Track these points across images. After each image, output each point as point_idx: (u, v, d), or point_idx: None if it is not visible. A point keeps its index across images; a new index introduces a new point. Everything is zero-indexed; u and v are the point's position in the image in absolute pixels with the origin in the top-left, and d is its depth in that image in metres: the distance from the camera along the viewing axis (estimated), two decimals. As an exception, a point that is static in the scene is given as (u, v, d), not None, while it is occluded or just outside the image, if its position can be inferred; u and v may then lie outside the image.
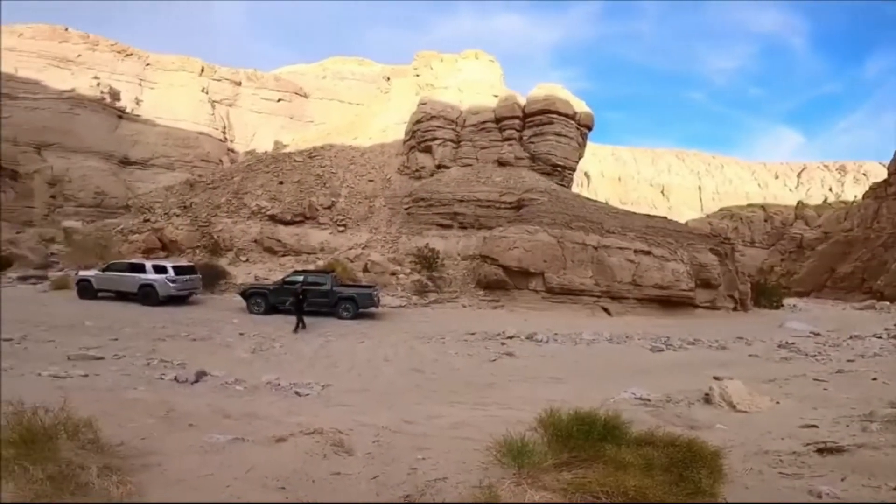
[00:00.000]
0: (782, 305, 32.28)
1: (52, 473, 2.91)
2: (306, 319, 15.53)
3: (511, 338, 15.22)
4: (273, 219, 29.89)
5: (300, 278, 18.14)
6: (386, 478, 4.42)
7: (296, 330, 14.78)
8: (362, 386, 9.05)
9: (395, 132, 39.65)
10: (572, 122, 34.49)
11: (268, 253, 28.21)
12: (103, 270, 19.33)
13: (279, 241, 28.55)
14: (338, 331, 15.43)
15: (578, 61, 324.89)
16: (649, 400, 7.93)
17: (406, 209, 33.05)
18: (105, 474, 3.09)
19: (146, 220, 28.38)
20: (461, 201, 31.23)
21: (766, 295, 32.51)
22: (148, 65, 49.53)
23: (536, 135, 33.65)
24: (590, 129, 36.63)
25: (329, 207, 32.37)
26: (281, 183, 33.24)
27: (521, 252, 24.92)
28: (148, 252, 24.82)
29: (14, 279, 22.61)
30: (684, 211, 74.20)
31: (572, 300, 24.76)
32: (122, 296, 18.74)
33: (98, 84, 44.68)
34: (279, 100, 56.04)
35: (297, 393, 7.87)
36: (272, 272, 24.89)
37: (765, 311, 29.88)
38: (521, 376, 10.58)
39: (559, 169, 34.05)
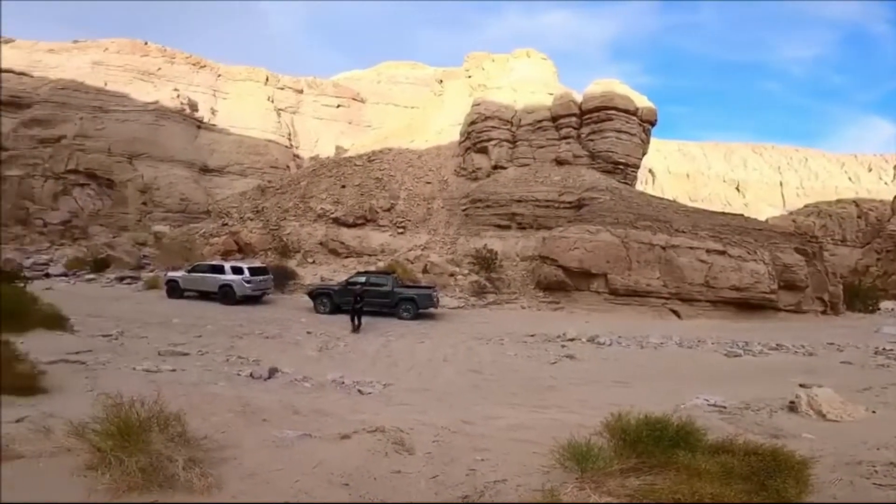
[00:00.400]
0: (878, 309, 29.16)
1: (144, 465, 3.18)
2: (365, 320, 15.92)
3: (572, 340, 14.88)
4: (336, 222, 31.12)
5: (362, 279, 18.80)
6: (445, 477, 4.49)
7: (354, 330, 15.10)
8: (422, 385, 9.23)
9: (450, 134, 39.94)
10: (633, 117, 33.22)
11: (332, 254, 29.42)
12: (188, 272, 21.07)
13: (342, 243, 29.68)
14: (398, 331, 15.81)
15: (636, 56, 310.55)
16: (724, 407, 7.46)
17: (463, 210, 33.21)
18: (189, 467, 3.35)
19: (224, 224, 30.56)
20: (519, 201, 30.92)
21: (860, 297, 29.52)
22: (219, 76, 53.09)
23: (595, 132, 32.69)
24: (653, 124, 35.05)
25: (389, 210, 33.20)
26: (343, 187, 34.53)
27: (582, 252, 24.26)
28: (226, 254, 26.71)
29: (112, 279, 25.18)
30: (763, 208, 68.70)
31: (638, 302, 23.76)
32: (204, 295, 20.31)
33: (178, 95, 48.46)
34: (338, 106, 58.12)
35: (360, 391, 8.17)
36: (336, 273, 25.92)
37: (858, 314, 27.17)
38: (582, 379, 10.33)
39: (621, 166, 32.87)
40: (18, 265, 27.40)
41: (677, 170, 74.67)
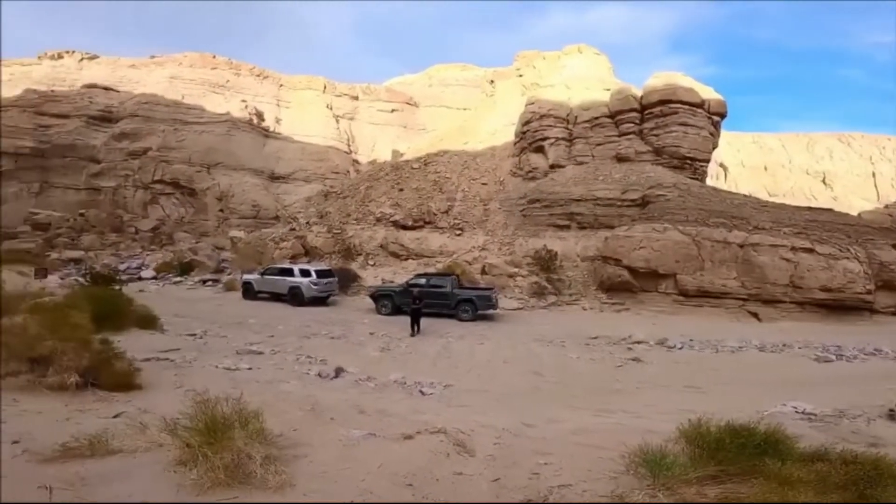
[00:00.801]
0: None
1: (227, 462, 3.41)
2: (425, 321, 15.98)
3: (638, 343, 14.30)
4: (396, 224, 31.82)
5: (422, 281, 19.11)
6: (507, 480, 4.47)
7: (413, 334, 15.07)
8: (482, 387, 9.24)
9: (505, 134, 39.65)
10: (700, 110, 31.63)
11: (392, 257, 30.13)
12: (261, 274, 22.42)
13: (402, 245, 30.31)
14: (457, 332, 15.93)
15: (696, 47, 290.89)
16: (815, 414, 6.88)
17: (521, 211, 32.83)
18: (266, 464, 3.56)
19: (292, 229, 32.22)
20: (578, 201, 30.09)
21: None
22: (281, 85, 55.93)
23: (658, 127, 31.32)
24: (723, 116, 33.23)
25: (446, 212, 33.51)
26: (401, 190, 35.26)
27: (648, 252, 23.21)
28: (294, 257, 28.12)
29: (196, 282, 27.32)
30: (854, 201, 62.10)
31: (711, 304, 22.36)
32: (275, 296, 21.53)
33: (246, 106, 51.60)
34: (392, 110, 59.47)
35: (421, 392, 8.33)
36: (396, 275, 26.50)
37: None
38: (650, 383, 9.89)
39: (689, 161, 31.22)
40: (115, 269, 30.45)
41: (753, 163, 69.37)
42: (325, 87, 56.53)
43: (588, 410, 7.72)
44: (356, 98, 58.54)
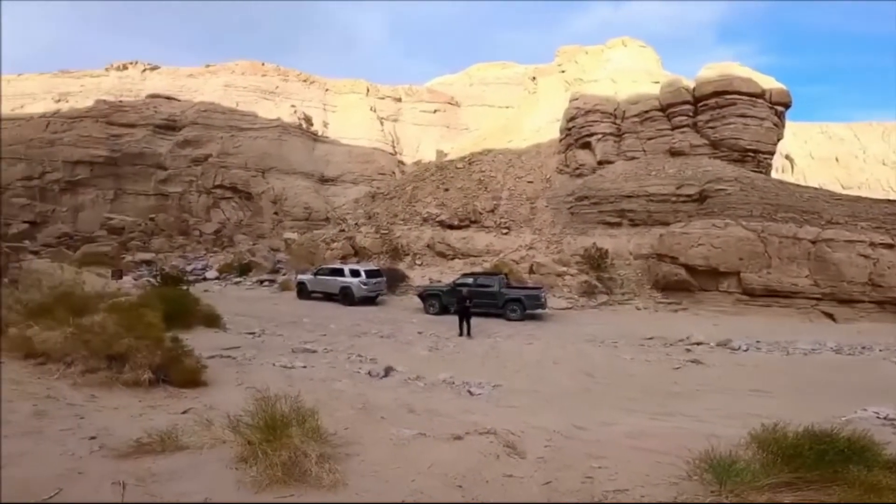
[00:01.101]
0: None
1: (284, 460, 3.53)
2: (473, 321, 15.64)
3: (698, 344, 13.62)
4: (442, 224, 31.98)
5: (469, 280, 19.10)
6: (559, 484, 4.38)
7: (461, 334, 14.87)
8: (531, 387, 9.11)
9: (549, 131, 38.98)
10: (760, 100, 30.03)
11: (439, 256, 30.31)
12: (314, 274, 23.22)
13: (448, 245, 30.42)
14: (505, 332, 15.80)
15: (749, 36, 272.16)
16: (900, 419, 6.30)
17: (569, 208, 32.12)
18: (321, 462, 3.66)
19: (341, 230, 33.13)
20: (630, 197, 29.02)
21: None
22: (327, 90, 57.57)
23: (715, 119, 29.92)
24: (786, 106, 31.34)
25: (492, 211, 33.32)
26: (446, 190, 35.40)
27: (708, 249, 22.07)
28: (344, 258, 28.91)
29: (254, 282, 28.68)
30: (943, 192, 56.25)
31: (780, 304, 20.96)
32: (327, 296, 22.23)
33: (295, 111, 53.46)
34: (435, 111, 60.00)
35: (469, 391, 8.32)
36: (444, 274, 26.64)
37: None
38: (712, 387, 9.38)
39: (751, 154, 29.62)
40: (182, 270, 32.51)
41: (822, 154, 64.38)
42: (367, 90, 57.75)
43: (644, 413, 7.43)
44: (399, 100, 59.42)
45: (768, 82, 31.01)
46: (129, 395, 5.81)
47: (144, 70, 59.93)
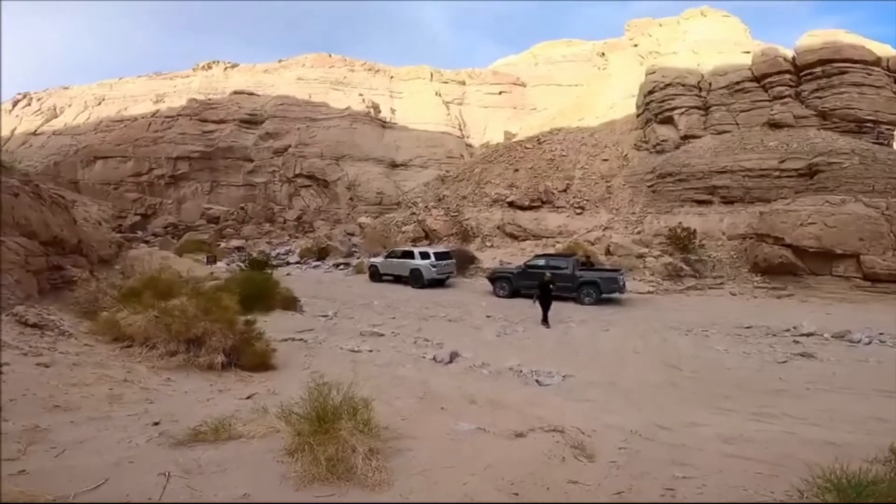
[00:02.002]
0: None
1: (331, 455, 3.35)
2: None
3: (808, 335, 11.93)
4: (512, 205, 31.19)
5: (541, 262, 18.29)
6: (634, 495, 3.85)
7: (544, 321, 13.45)
8: (606, 379, 8.41)
9: (624, 108, 36.83)
10: (876, 69, 27.05)
11: (509, 238, 29.64)
12: (385, 257, 23.62)
13: (519, 226, 29.63)
14: (579, 317, 14.94)
15: (849, 4, 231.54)
16: None
17: (650, 186, 29.97)
18: (368, 458, 3.44)
19: (412, 214, 33.47)
20: (722, 172, 26.53)
21: None
22: (392, 77, 58.27)
23: (822, 88, 27.20)
24: None
25: (564, 191, 31.93)
26: (516, 171, 34.40)
27: (820, 228, 19.43)
28: (416, 240, 29.22)
29: (331, 265, 29.90)
30: None
31: (909, 291, 18.06)
32: (397, 279, 22.55)
33: (363, 100, 54.79)
34: (500, 92, 58.75)
35: (538, 381, 7.84)
36: (514, 256, 25.99)
37: None
38: (826, 385, 8.08)
39: (869, 125, 26.42)
40: (268, 255, 34.75)
41: None
42: (431, 76, 57.96)
43: (740, 414, 6.54)
44: (463, 83, 59.05)
45: (883, 50, 28.01)
46: (203, 378, 6.05)
47: (226, 68, 64.25)
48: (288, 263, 32.44)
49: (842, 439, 5.19)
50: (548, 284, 13.94)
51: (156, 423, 4.13)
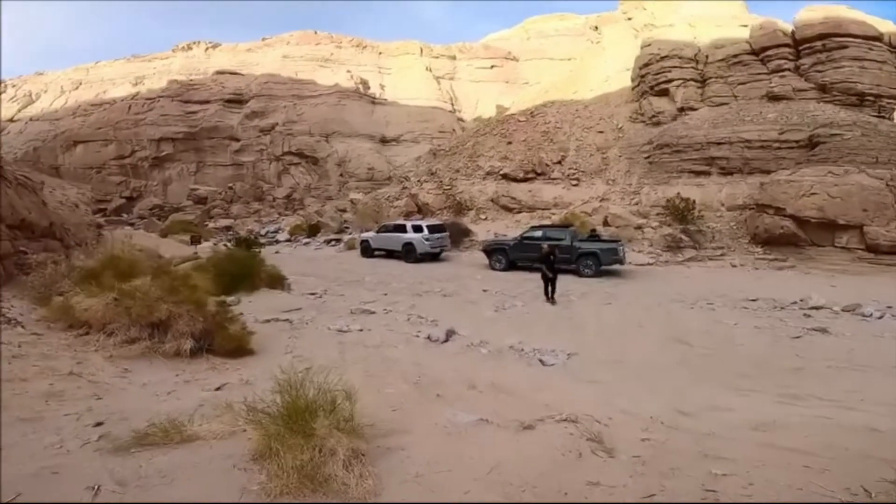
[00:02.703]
0: None
1: (303, 462, 2.72)
2: (534, 277, 13.97)
3: (818, 308, 11.43)
4: (506, 177, 30.42)
5: (538, 234, 17.59)
6: (666, 496, 3.28)
7: (549, 298, 12.53)
8: (613, 357, 7.85)
9: (618, 81, 36.39)
10: (878, 43, 26.98)
11: (504, 210, 28.97)
12: (377, 232, 22.83)
13: (513, 198, 28.92)
14: (579, 290, 14.35)
15: None
16: None
17: (646, 158, 29.56)
18: (350, 463, 2.82)
19: (404, 188, 32.62)
20: (720, 143, 26.18)
21: None
22: (380, 53, 56.76)
23: (822, 62, 27.13)
24: None
25: (559, 162, 31.15)
26: (509, 143, 33.51)
27: (822, 199, 18.93)
28: (408, 215, 28.41)
29: (321, 242, 29.10)
30: None
31: (912, 262, 17.72)
32: (390, 253, 21.85)
33: (351, 76, 53.27)
34: (492, 66, 58.01)
35: (541, 360, 7.25)
36: (509, 228, 25.37)
37: None
38: (846, 362, 7.57)
39: (870, 99, 26.24)
40: (256, 234, 33.83)
41: None
42: (421, 51, 56.62)
43: (764, 395, 6.00)
44: (453, 58, 57.73)
45: (885, 25, 27.77)
46: (168, 367, 5.36)
47: (207, 49, 61.97)
48: (277, 241, 31.60)
49: (883, 424, 4.64)
50: (549, 256, 12.96)
51: (98, 424, 3.47)
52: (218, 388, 4.76)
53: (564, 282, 15.52)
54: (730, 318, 10.70)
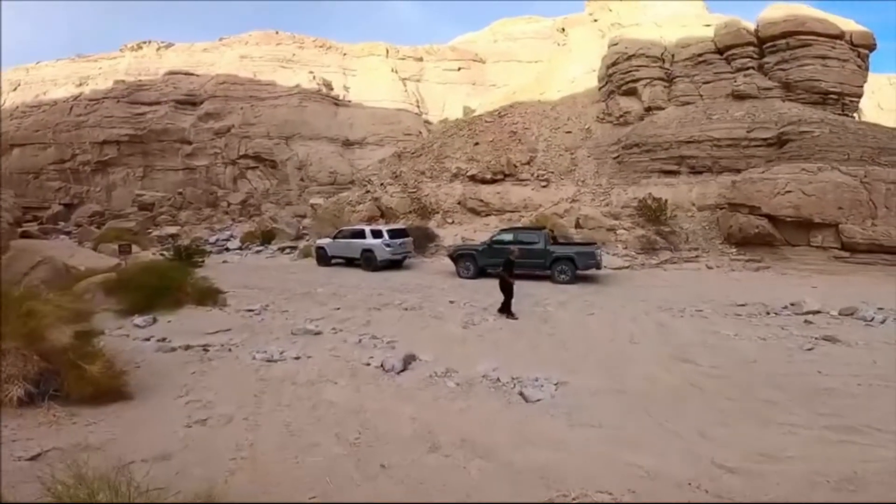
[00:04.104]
0: None
1: None
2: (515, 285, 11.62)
3: (813, 313, 10.40)
4: (473, 179, 29.08)
5: (508, 237, 16.13)
6: None
7: (507, 313, 10.56)
8: (611, 384, 6.38)
9: (584, 82, 36.06)
10: (840, 42, 26.98)
11: (471, 213, 27.57)
12: (334, 238, 20.86)
13: (481, 200, 27.57)
14: (556, 298, 12.96)
15: None
16: None
17: (615, 158, 28.98)
18: None
19: (367, 192, 30.73)
20: (689, 142, 25.70)
21: None
22: (345, 54, 55.06)
23: (786, 61, 27.01)
24: (870, 49, 28.11)
25: (528, 163, 30.08)
26: (476, 144, 32.28)
27: (798, 197, 18.37)
28: (371, 219, 26.61)
29: (275, 250, 26.86)
30: None
31: (886, 261, 17.30)
32: (349, 262, 19.95)
33: (314, 77, 51.24)
34: (459, 68, 57.10)
35: (522, 395, 5.70)
36: (478, 232, 23.97)
37: None
38: (875, 378, 6.35)
39: (833, 97, 26.29)
40: (205, 241, 31.16)
41: (890, 105, 58.42)
42: (387, 52, 55.21)
43: (811, 430, 4.64)
44: (420, 59, 56.61)
45: (846, 24, 27.87)
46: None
47: (159, 48, 58.43)
48: (227, 250, 29.16)
49: None
50: (507, 263, 11.15)
51: None
52: (35, 457, 3.00)
53: (540, 289, 14.16)
54: (726, 327, 9.48)
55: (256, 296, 13.22)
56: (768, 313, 10.82)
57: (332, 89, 52.38)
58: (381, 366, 6.48)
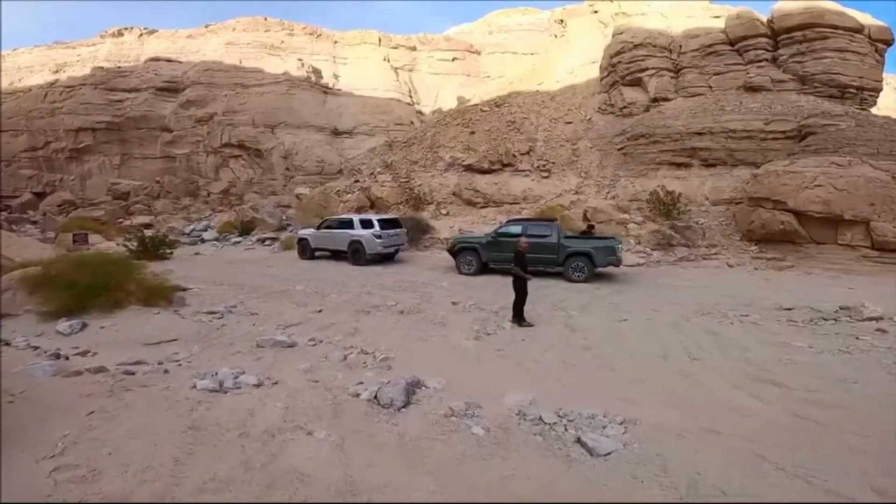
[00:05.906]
0: None
1: None
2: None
3: (877, 319, 8.80)
4: (469, 169, 27.31)
5: (517, 229, 14.28)
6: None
7: (518, 321, 8.78)
8: (694, 420, 4.60)
9: (585, 73, 34.79)
10: (859, 36, 25.94)
11: (467, 204, 25.82)
12: (318, 228, 18.90)
13: (478, 191, 25.81)
14: (575, 299, 11.21)
15: None
16: None
17: (619, 149, 27.51)
18: None
19: (356, 181, 28.84)
20: (701, 134, 24.20)
21: None
22: (336, 42, 53.12)
23: (802, 53, 25.96)
24: (888, 44, 27.11)
25: (527, 153, 28.41)
26: (472, 133, 30.53)
27: (828, 192, 16.93)
28: (360, 210, 24.74)
29: (254, 241, 24.80)
30: None
31: (917, 260, 15.97)
32: (335, 254, 18.07)
33: (303, 65, 49.20)
34: (454, 59, 55.64)
35: (582, 443, 3.94)
36: (474, 224, 22.24)
37: None
38: None
39: (852, 91, 25.14)
40: (179, 231, 28.94)
41: (890, 105, 58.20)
42: (380, 41, 53.38)
43: None
44: (414, 49, 54.81)
45: (864, 18, 26.90)
46: None
47: (141, 35, 55.73)
48: (203, 241, 27.02)
49: None
50: (524, 256, 9.23)
51: None
52: None
53: (554, 289, 12.42)
54: (790, 336, 7.82)
55: (223, 294, 11.30)
56: (825, 319, 9.20)
57: (321, 77, 50.35)
58: (376, 398, 4.61)
